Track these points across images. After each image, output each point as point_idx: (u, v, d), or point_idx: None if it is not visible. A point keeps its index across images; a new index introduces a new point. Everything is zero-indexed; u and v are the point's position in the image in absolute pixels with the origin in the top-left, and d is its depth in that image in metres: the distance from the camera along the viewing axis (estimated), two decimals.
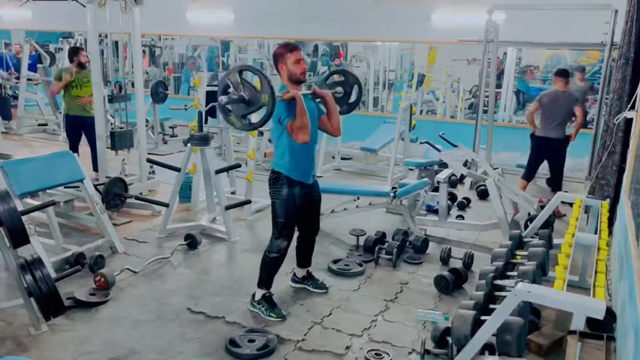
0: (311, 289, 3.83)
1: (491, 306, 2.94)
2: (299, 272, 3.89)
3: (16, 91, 9.76)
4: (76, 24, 9.40)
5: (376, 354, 3.06)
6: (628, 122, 4.43)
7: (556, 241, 3.99)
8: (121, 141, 5.73)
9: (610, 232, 4.18)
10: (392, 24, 8.37)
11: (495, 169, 5.64)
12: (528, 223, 4.71)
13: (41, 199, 4.23)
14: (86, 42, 8.45)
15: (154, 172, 6.23)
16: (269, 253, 3.47)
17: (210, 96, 6.14)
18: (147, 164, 5.81)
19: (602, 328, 2.63)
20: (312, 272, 3.91)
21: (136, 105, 5.87)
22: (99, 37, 5.56)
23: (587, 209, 4.52)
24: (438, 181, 5.19)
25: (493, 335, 2.52)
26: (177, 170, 4.92)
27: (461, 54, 8.52)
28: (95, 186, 4.62)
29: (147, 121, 7.12)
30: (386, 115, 8.97)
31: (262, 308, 3.46)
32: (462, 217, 5.58)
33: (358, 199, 5.31)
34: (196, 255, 4.49)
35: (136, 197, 5.12)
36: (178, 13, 9.93)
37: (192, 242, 4.56)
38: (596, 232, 3.80)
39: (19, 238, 3.04)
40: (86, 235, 4.72)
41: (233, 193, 5.86)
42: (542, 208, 4.57)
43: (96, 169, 5.87)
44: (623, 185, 4.13)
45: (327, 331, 3.33)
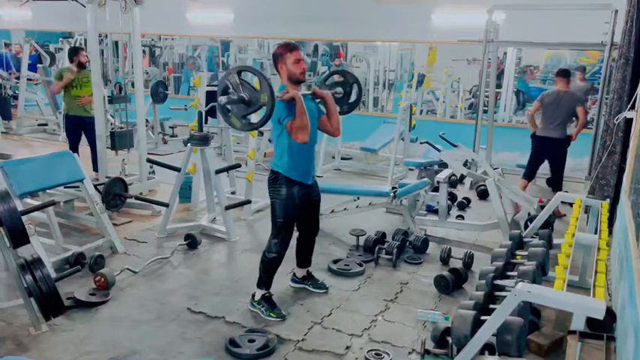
0: (311, 289, 3.83)
1: (492, 306, 2.94)
2: (299, 272, 3.89)
3: (16, 91, 9.77)
4: (76, 24, 9.39)
5: (376, 354, 3.06)
6: (628, 122, 4.43)
7: (556, 241, 3.99)
8: (121, 141, 5.73)
9: (610, 232, 4.18)
10: (392, 24, 8.37)
11: (495, 169, 5.64)
12: (528, 223, 4.71)
13: (41, 199, 4.23)
14: (86, 42, 8.45)
15: (154, 172, 6.24)
16: (268, 253, 3.47)
17: (210, 96, 6.14)
18: (147, 164, 5.81)
19: (602, 328, 2.63)
20: (312, 272, 3.91)
21: (136, 105, 5.87)
22: (99, 37, 5.56)
23: (587, 209, 4.52)
24: (438, 181, 5.19)
25: (493, 335, 2.52)
26: (177, 170, 4.92)
27: (461, 54, 8.52)
28: (95, 186, 4.62)
29: (147, 121, 7.12)
30: (386, 115, 8.97)
31: (262, 308, 3.46)
32: (462, 217, 5.58)
33: (358, 199, 5.32)
34: (196, 255, 4.49)
35: (136, 197, 5.12)
36: (178, 13, 9.93)
37: (192, 242, 4.56)
38: (596, 232, 3.80)
39: (19, 238, 3.04)
40: (86, 235, 4.72)
41: (233, 193, 5.86)
42: (542, 208, 4.57)
43: (96, 169, 5.87)
44: (623, 185, 4.13)
45: (327, 331, 3.33)
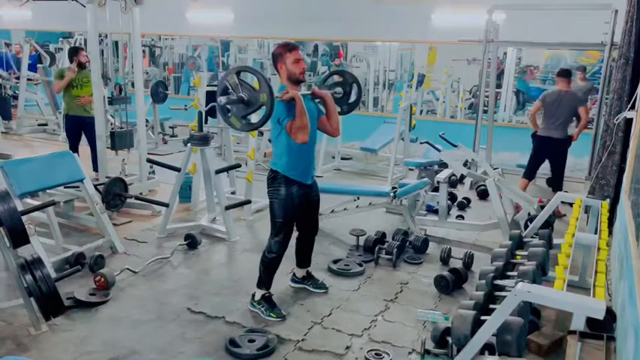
0: (311, 289, 3.83)
1: (492, 306, 2.94)
2: (299, 272, 3.89)
3: (16, 91, 9.77)
4: (76, 24, 9.39)
5: (376, 354, 3.06)
6: (628, 122, 4.43)
7: (556, 241, 3.98)
8: (121, 141, 5.73)
9: (610, 232, 4.18)
10: (392, 24, 8.37)
11: (495, 169, 5.64)
12: (528, 223, 4.71)
13: (41, 199, 4.23)
14: (86, 42, 8.44)
15: (154, 172, 6.24)
16: (267, 253, 3.47)
17: (210, 96, 6.14)
18: (147, 164, 5.81)
19: (602, 328, 2.63)
20: (312, 272, 3.91)
21: (136, 105, 5.87)
22: (99, 37, 5.56)
23: (587, 209, 4.52)
24: (438, 181, 5.19)
25: (493, 335, 2.52)
26: (177, 170, 4.92)
27: (461, 54, 8.52)
28: (95, 186, 4.62)
29: (147, 121, 7.12)
30: (386, 115, 8.97)
31: (262, 308, 3.46)
32: (462, 217, 5.58)
33: (358, 199, 5.31)
34: (196, 255, 4.49)
35: (136, 197, 5.12)
36: (178, 13, 9.93)
37: (192, 242, 4.56)
38: (596, 232, 3.80)
39: (19, 238, 3.04)
40: (86, 235, 4.72)
41: (233, 193, 5.86)
42: (542, 208, 4.57)
43: (96, 169, 5.87)
44: (623, 185, 4.13)
45: (327, 331, 3.33)
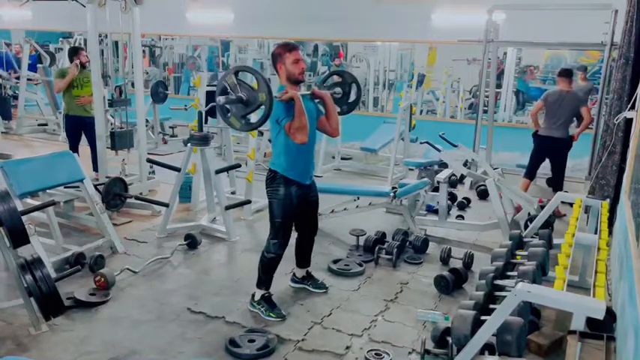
0: (311, 289, 3.83)
1: (492, 306, 2.94)
2: (298, 272, 3.89)
3: (16, 91, 9.77)
4: (76, 24, 9.39)
5: (376, 354, 3.06)
6: (628, 122, 4.43)
7: (556, 241, 3.98)
8: (121, 141, 5.73)
9: (610, 232, 4.18)
10: (392, 24, 8.37)
11: (495, 169, 5.64)
12: (528, 223, 4.71)
13: (41, 199, 4.23)
14: (86, 42, 8.45)
15: (154, 172, 6.24)
16: (266, 253, 3.47)
17: (210, 96, 6.14)
18: (147, 164, 5.81)
19: (602, 328, 2.63)
20: (312, 272, 3.91)
21: (136, 105, 5.87)
22: (99, 37, 5.56)
23: (587, 209, 4.52)
24: (438, 181, 5.19)
25: (493, 335, 2.52)
26: (177, 170, 4.92)
27: (461, 54, 8.52)
28: (95, 186, 4.62)
29: (147, 121, 7.12)
30: (386, 115, 8.97)
31: (262, 308, 3.46)
32: (462, 217, 5.58)
33: (358, 199, 5.31)
34: (196, 255, 4.50)
35: (136, 197, 5.12)
36: (178, 13, 9.93)
37: (192, 242, 4.56)
38: (596, 232, 3.80)
39: (19, 238, 3.04)
40: (86, 235, 4.72)
41: (233, 193, 5.86)
42: (542, 208, 4.57)
43: (96, 169, 5.87)
44: (623, 185, 4.13)
45: (327, 331, 3.33)
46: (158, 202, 5.07)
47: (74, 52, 6.21)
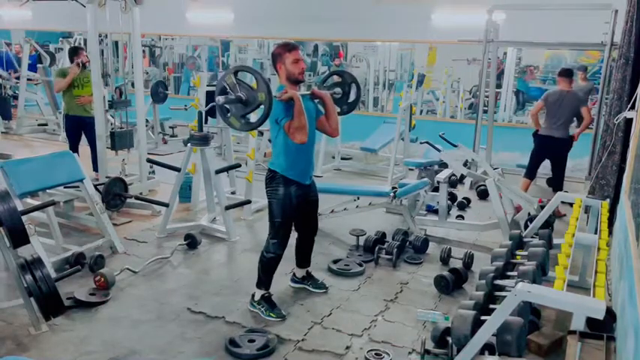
0: (311, 289, 3.82)
1: (492, 306, 2.94)
2: (298, 272, 3.89)
3: (16, 91, 9.77)
4: (76, 24, 9.39)
5: (376, 354, 3.06)
6: (628, 122, 4.43)
7: (556, 241, 3.98)
8: (121, 141, 5.73)
9: (610, 232, 4.18)
10: (392, 24, 8.37)
11: (495, 169, 5.64)
12: (528, 223, 4.71)
13: (41, 199, 4.23)
14: (86, 42, 8.45)
15: (154, 172, 6.24)
16: (266, 253, 3.47)
17: (210, 96, 6.14)
18: (147, 164, 5.81)
19: (602, 328, 2.63)
20: (312, 272, 3.91)
21: (136, 105, 5.87)
22: (99, 37, 5.56)
23: (587, 209, 4.52)
24: (438, 181, 5.19)
25: (493, 335, 2.52)
26: (177, 170, 4.92)
27: (461, 54, 8.52)
28: (95, 186, 4.62)
29: (147, 121, 7.12)
30: (386, 115, 8.97)
31: (262, 308, 3.46)
32: (462, 217, 5.58)
33: (358, 199, 5.31)
34: (196, 255, 4.49)
35: (136, 197, 5.12)
36: (178, 13, 9.93)
37: (192, 242, 4.56)
38: (596, 232, 3.80)
39: (19, 238, 3.04)
40: (86, 235, 4.72)
41: (233, 193, 5.86)
42: (542, 208, 4.57)
43: (96, 169, 5.87)
44: (623, 185, 4.13)
45: (327, 331, 3.33)
46: (158, 202, 5.07)
47: (74, 52, 6.21)
